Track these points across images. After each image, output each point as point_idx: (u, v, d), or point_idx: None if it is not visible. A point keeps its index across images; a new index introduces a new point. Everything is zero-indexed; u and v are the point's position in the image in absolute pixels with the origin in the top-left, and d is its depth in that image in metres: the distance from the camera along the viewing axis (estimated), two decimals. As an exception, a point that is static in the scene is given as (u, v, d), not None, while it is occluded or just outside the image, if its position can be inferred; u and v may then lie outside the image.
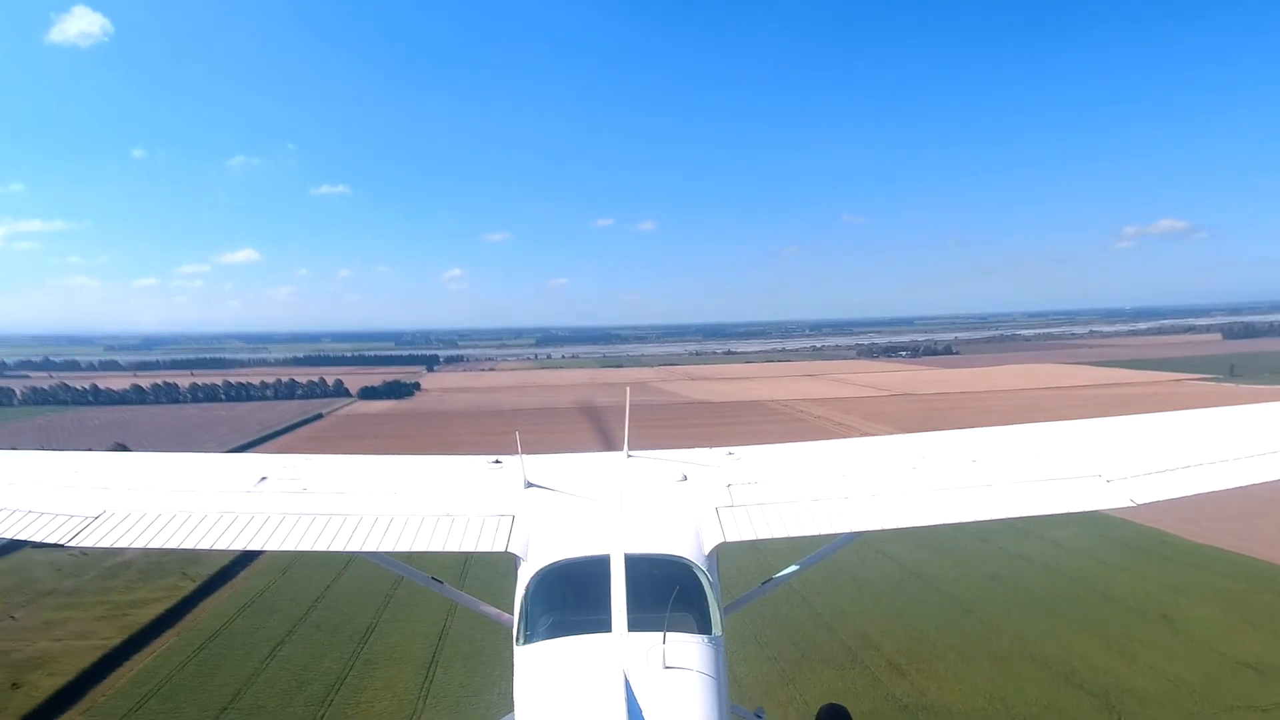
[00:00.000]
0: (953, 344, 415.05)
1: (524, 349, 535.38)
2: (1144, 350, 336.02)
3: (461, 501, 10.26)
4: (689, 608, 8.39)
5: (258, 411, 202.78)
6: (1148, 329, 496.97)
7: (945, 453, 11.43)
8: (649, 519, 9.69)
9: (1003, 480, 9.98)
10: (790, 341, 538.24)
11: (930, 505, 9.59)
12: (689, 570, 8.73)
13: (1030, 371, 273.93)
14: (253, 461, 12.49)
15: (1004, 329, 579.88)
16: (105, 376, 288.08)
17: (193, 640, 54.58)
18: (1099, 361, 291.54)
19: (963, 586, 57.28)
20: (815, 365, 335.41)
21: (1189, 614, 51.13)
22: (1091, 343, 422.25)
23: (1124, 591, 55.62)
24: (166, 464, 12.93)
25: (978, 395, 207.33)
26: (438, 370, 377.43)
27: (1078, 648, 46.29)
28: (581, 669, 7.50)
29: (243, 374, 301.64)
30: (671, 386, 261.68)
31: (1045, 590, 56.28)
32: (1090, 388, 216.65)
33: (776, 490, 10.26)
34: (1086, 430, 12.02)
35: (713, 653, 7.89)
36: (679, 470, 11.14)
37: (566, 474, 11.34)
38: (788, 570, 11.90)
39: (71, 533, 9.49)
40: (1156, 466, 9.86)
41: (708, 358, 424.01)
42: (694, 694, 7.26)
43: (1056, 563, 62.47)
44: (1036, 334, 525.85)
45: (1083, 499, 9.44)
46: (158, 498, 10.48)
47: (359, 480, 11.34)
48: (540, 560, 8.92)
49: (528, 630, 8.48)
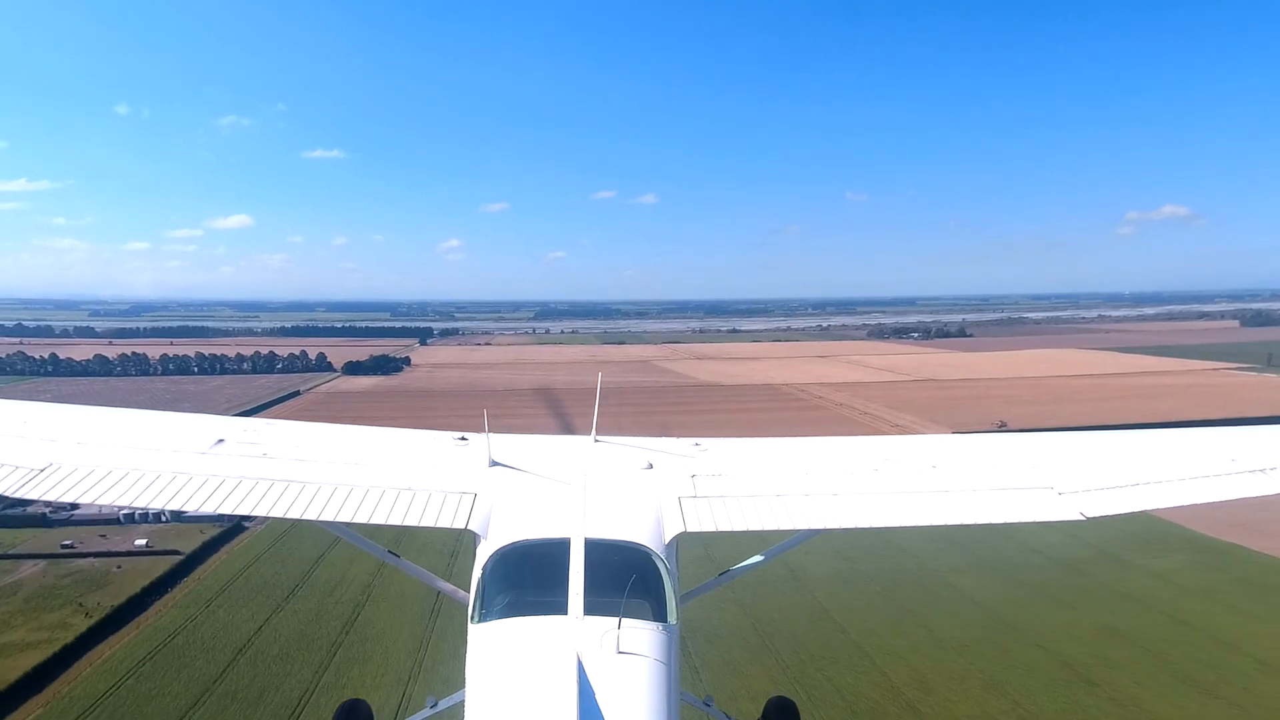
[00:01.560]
0: (964, 326, 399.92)
1: (521, 323, 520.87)
2: (1162, 336, 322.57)
3: (424, 476, 10.06)
4: (646, 595, 8.33)
5: (229, 386, 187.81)
6: (1156, 314, 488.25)
7: (906, 457, 11.41)
8: (611, 505, 9.58)
9: (960, 487, 10.14)
10: (794, 320, 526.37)
11: (889, 507, 9.74)
12: (648, 558, 8.68)
13: (1052, 358, 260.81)
14: (210, 423, 12.01)
15: (1009, 311, 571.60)
16: (74, 345, 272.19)
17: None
18: (1122, 348, 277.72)
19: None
20: (825, 346, 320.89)
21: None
22: (1106, 327, 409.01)
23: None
24: (120, 419, 12.14)
25: (1006, 383, 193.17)
26: (431, 343, 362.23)
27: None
28: (535, 650, 7.49)
29: (225, 344, 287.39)
30: (676, 366, 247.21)
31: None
32: (1123, 376, 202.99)
33: (740, 483, 10.26)
34: (1041, 443, 12.09)
35: (667, 640, 7.87)
36: (645, 458, 10.96)
37: (531, 455, 11.00)
38: (748, 561, 11.54)
39: (16, 484, 9.20)
40: (1107, 483, 10.08)
41: (712, 336, 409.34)
42: (646, 680, 7.28)
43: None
44: (1044, 317, 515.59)
45: (1035, 510, 9.67)
46: (109, 453, 10.07)
47: (320, 448, 10.92)
48: (500, 539, 8.83)
49: (483, 608, 8.36)
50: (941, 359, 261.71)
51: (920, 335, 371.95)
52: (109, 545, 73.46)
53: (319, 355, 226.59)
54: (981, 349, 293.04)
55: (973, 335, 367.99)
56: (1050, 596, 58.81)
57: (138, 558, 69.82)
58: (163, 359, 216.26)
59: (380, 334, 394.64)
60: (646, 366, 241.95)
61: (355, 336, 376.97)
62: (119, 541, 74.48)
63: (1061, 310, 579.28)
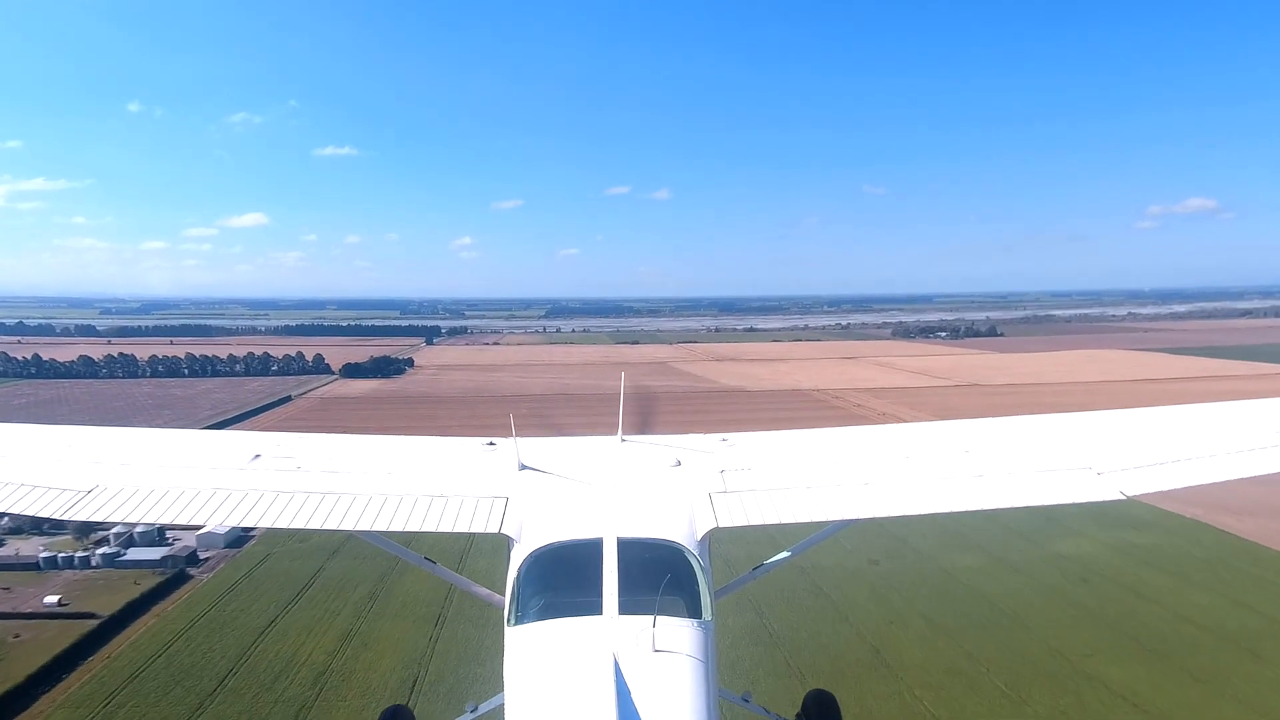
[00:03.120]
0: (995, 325, 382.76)
1: (532, 321, 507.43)
2: (1209, 335, 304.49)
3: (456, 482, 10.08)
4: (680, 592, 8.27)
5: (217, 391, 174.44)
6: (1189, 312, 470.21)
7: (938, 443, 11.32)
8: (642, 503, 9.57)
9: (994, 471, 9.95)
10: (811, 318, 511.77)
11: (922, 494, 9.58)
12: (681, 555, 8.63)
13: (1097, 359, 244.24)
14: (247, 439, 12.03)
15: (1032, 309, 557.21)
16: (67, 345, 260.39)
17: None
18: (1170, 348, 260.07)
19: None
20: (849, 346, 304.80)
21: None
22: (1142, 326, 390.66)
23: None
24: (159, 439, 12.50)
25: (1058, 389, 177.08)
26: (438, 343, 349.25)
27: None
28: (572, 651, 7.44)
29: (226, 343, 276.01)
30: (695, 368, 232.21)
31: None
32: (1186, 381, 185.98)
33: (770, 477, 10.13)
34: (1077, 423, 11.79)
35: (702, 637, 7.78)
36: (673, 455, 10.90)
37: (560, 457, 11.04)
38: (779, 556, 11.46)
39: (65, 506, 9.32)
40: (1147, 460, 9.82)
41: (729, 335, 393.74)
42: (683, 677, 7.21)
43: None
44: (1073, 315, 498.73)
45: (1073, 491, 9.44)
46: (151, 473, 10.20)
47: (353, 460, 11.06)
48: (533, 542, 8.80)
49: (519, 612, 8.32)
50: (978, 361, 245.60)
51: (948, 334, 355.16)
52: (14, 602, 59.24)
53: (316, 357, 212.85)
54: (1017, 349, 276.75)
55: (1003, 334, 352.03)
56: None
57: (45, 621, 55.80)
58: (151, 360, 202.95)
59: (387, 332, 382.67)
60: (663, 369, 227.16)
61: (361, 335, 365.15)
62: (30, 596, 60.39)
63: (1087, 307, 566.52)
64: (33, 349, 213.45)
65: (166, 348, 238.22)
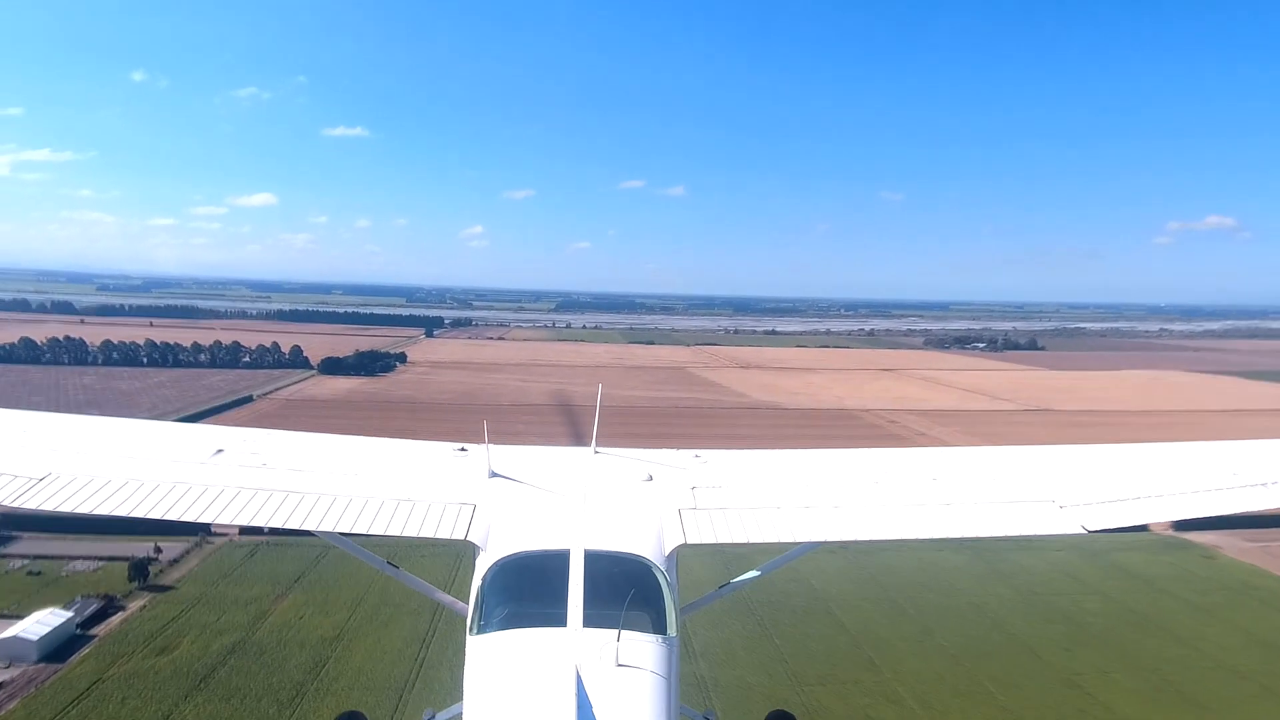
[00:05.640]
0: (1034, 338, 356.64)
1: (541, 314, 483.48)
2: (1262, 359, 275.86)
3: (423, 487, 9.91)
4: (646, 607, 8.25)
5: (167, 386, 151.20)
6: (1226, 330, 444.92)
7: (906, 470, 11.41)
8: (611, 516, 9.49)
9: (961, 500, 10.01)
10: (829, 321, 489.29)
11: (890, 520, 9.62)
12: (648, 570, 8.59)
13: (1161, 381, 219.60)
14: (211, 432, 11.89)
15: (1055, 320, 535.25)
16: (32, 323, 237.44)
17: None
18: (1246, 372, 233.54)
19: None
20: (882, 355, 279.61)
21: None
22: (1192, 345, 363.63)
23: None
24: (119, 429, 12.03)
25: (1146, 418, 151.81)
26: (439, 335, 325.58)
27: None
28: (534, 662, 7.41)
29: (210, 328, 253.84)
30: (717, 376, 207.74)
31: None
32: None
33: (741, 496, 10.13)
34: (1042, 456, 12.10)
35: (666, 653, 7.78)
36: (645, 470, 10.82)
37: (531, 466, 10.83)
38: (747, 575, 11.62)
39: (16, 494, 9.04)
40: (1109, 496, 9.98)
41: (749, 338, 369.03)
42: (645, 693, 7.20)
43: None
44: (1105, 329, 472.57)
45: (1036, 523, 9.55)
46: (108, 463, 9.92)
47: (320, 459, 10.76)
48: (499, 551, 8.74)
49: (482, 620, 8.29)
50: (1033, 379, 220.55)
51: (986, 346, 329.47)
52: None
53: (294, 349, 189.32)
54: (1069, 366, 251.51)
55: (1044, 348, 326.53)
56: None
57: None
58: (105, 346, 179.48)
59: (385, 321, 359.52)
60: (683, 376, 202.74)
61: (356, 324, 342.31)
62: None
63: (1112, 321, 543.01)
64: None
65: (143, 330, 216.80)
